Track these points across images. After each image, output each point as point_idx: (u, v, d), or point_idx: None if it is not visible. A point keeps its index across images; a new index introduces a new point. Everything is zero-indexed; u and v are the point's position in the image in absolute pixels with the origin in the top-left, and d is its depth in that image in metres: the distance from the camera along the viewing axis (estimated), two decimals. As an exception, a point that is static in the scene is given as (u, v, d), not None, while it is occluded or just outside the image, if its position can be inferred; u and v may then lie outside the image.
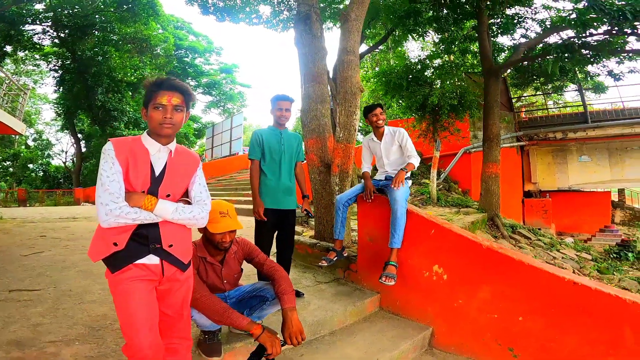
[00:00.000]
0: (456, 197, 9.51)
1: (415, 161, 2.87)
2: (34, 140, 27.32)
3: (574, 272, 6.16)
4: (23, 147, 26.69)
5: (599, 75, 7.93)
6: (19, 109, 7.30)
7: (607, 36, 5.91)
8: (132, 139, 1.38)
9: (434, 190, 7.92)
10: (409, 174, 2.89)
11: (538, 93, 13.72)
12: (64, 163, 27.20)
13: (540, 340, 2.27)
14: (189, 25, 24.95)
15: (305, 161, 3.02)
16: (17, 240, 4.71)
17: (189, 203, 1.46)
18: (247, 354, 2.00)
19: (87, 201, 14.48)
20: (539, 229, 10.44)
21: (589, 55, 5.93)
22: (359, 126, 3.76)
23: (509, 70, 9.42)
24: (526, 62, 8.15)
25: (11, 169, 25.32)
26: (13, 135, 24.61)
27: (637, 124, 11.08)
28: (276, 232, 2.75)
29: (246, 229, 2.40)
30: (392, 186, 2.74)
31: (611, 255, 9.21)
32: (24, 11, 14.15)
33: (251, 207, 2.75)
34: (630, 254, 9.03)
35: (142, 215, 1.31)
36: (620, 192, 16.46)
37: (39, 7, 14.69)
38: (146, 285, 1.34)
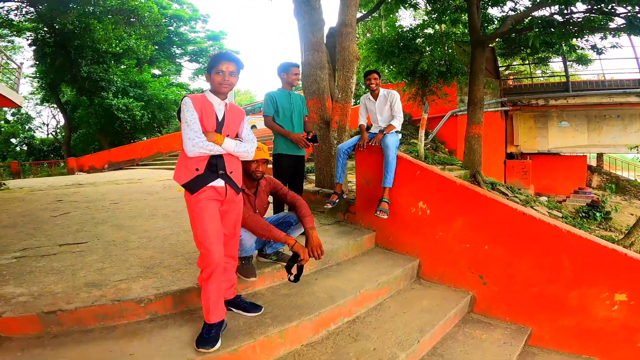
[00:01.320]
0: (442, 156, 10.11)
1: (397, 123, 3.37)
2: (13, 114, 26.38)
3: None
4: (2, 122, 25.81)
5: (582, 49, 8.41)
6: (16, 82, 7.37)
7: (588, 14, 6.31)
8: (200, 95, 1.84)
9: (422, 150, 8.46)
10: (399, 128, 3.41)
11: (525, 63, 14.16)
12: (52, 135, 26.56)
13: (502, 267, 2.74)
14: (172, -7, 23.65)
15: (307, 115, 3.54)
16: (38, 205, 4.98)
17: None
18: (273, 278, 2.55)
19: (81, 170, 14.55)
20: (519, 189, 11.22)
21: (573, 30, 6.34)
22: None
23: (497, 40, 9.78)
24: (514, 34, 8.50)
25: (-8, 145, 24.61)
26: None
27: (615, 94, 11.79)
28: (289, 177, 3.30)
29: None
30: (373, 144, 3.31)
31: (580, 214, 9.90)
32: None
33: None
34: (598, 214, 9.69)
35: (215, 148, 1.77)
36: (599, 157, 17.29)
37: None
38: (215, 204, 1.84)
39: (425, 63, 7.95)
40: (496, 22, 9.32)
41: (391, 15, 10.47)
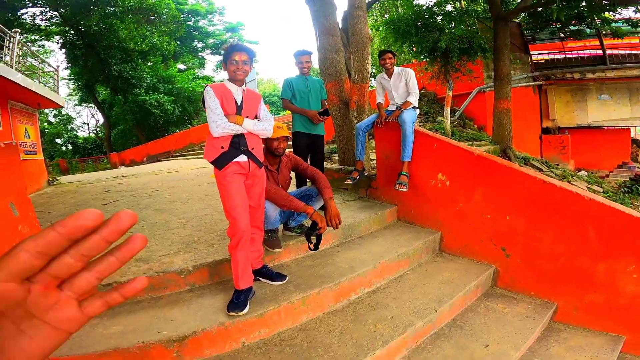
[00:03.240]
0: (471, 132, 9.88)
1: (413, 99, 3.42)
2: (55, 116, 28.31)
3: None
4: (46, 124, 27.74)
5: (616, 22, 7.96)
6: (55, 84, 8.06)
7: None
8: (220, 84, 2.06)
9: (448, 127, 8.30)
10: (416, 104, 3.46)
11: (556, 37, 13.37)
12: (94, 133, 28.42)
13: (525, 239, 2.67)
14: (186, -12, 24.03)
15: (326, 98, 3.67)
16: (89, 196, 5.52)
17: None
18: (298, 251, 2.73)
19: (123, 164, 15.60)
20: (557, 164, 10.69)
21: (603, 3, 5.93)
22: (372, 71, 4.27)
23: (522, 15, 9.33)
24: (540, 8, 8.11)
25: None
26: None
27: (657, 66, 11.00)
28: (309, 156, 3.47)
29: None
30: (390, 120, 3.39)
31: (623, 189, 9.33)
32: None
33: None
34: (641, 188, 9.05)
35: (236, 128, 1.99)
36: (645, 130, 16.10)
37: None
38: (240, 178, 2.05)
39: (444, 41, 7.75)
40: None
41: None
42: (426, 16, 8.48)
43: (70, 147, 27.07)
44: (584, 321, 2.45)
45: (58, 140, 27.74)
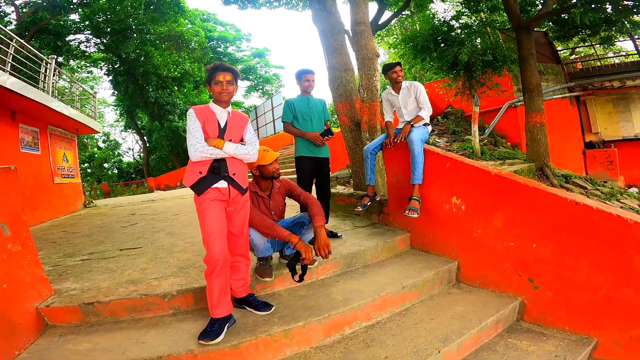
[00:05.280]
0: (503, 150, 9.33)
1: (425, 113, 3.19)
2: (104, 141, 30.80)
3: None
4: (95, 149, 30.21)
5: None
6: (92, 110, 8.66)
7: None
8: (203, 106, 2.02)
9: (477, 145, 7.86)
10: (427, 120, 3.22)
11: (587, 44, 12.54)
12: (134, 159, 30.53)
13: (555, 269, 2.34)
14: (215, 17, 25.70)
15: (329, 119, 3.51)
16: (115, 218, 5.82)
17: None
18: (293, 280, 2.55)
19: (158, 188, 16.45)
20: (604, 182, 9.76)
21: (630, 5, 5.49)
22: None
23: (548, 24, 8.88)
24: (565, 14, 7.69)
25: (89, 170, 28.88)
26: (86, 140, 27.88)
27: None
28: (314, 180, 3.31)
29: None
30: (399, 139, 3.14)
31: (678, 206, 8.37)
32: (66, 22, 15.12)
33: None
34: (701, 205, 8.09)
35: (215, 152, 1.92)
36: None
37: (74, 17, 15.66)
38: (220, 205, 1.96)
39: (465, 54, 7.46)
40: (539, 4, 8.49)
41: (424, 12, 10.04)
42: (445, 30, 8.28)
43: (115, 172, 29.15)
44: (627, 358, 2.09)
45: (106, 165, 30.02)
